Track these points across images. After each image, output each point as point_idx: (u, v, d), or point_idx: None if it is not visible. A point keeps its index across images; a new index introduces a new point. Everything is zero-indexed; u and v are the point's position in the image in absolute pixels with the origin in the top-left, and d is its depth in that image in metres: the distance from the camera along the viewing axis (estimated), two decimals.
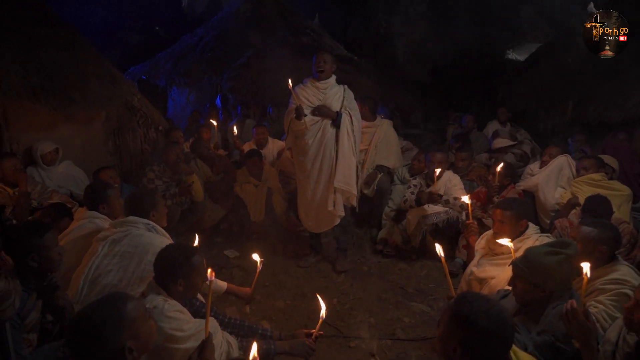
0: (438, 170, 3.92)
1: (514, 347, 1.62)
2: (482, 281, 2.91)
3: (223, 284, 3.18)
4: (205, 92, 8.81)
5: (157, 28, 13.03)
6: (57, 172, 4.41)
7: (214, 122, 6.22)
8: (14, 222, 3.44)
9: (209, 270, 1.92)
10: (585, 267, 1.94)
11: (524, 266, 2.12)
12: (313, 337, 2.67)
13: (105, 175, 4.07)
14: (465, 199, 3.08)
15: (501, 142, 5.40)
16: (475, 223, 3.11)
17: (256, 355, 1.66)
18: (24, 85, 4.26)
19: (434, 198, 4.16)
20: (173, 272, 2.20)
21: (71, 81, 4.64)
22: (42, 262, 2.13)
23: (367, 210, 4.94)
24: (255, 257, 2.83)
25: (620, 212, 3.77)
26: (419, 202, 4.31)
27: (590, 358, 1.82)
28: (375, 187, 4.90)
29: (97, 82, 4.93)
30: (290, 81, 3.76)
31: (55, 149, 4.41)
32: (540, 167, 4.53)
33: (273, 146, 5.85)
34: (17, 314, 1.96)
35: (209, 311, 1.86)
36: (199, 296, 2.70)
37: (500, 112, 6.60)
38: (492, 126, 6.60)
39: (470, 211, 3.11)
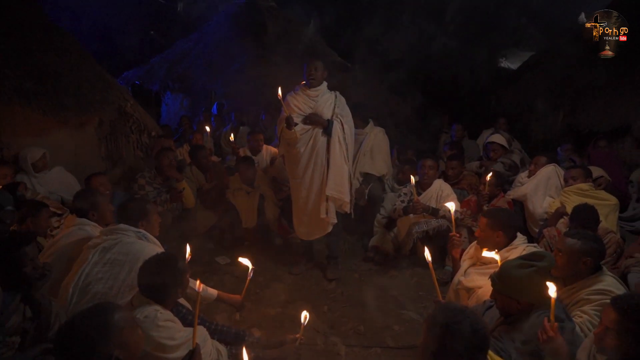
0: (413, 179, 3.92)
1: (493, 355, 1.66)
2: (469, 290, 2.93)
3: (213, 292, 3.20)
4: (199, 98, 8.83)
5: (151, 32, 13.04)
6: (49, 178, 4.38)
7: (207, 129, 6.23)
8: None
9: (197, 282, 1.94)
10: (552, 288, 1.93)
11: (498, 280, 2.16)
12: (297, 343, 2.71)
13: (96, 182, 4.05)
14: (452, 207, 3.10)
15: (498, 138, 5.41)
16: (459, 235, 3.13)
17: None
18: (16, 89, 4.27)
19: (418, 209, 4.18)
20: (172, 284, 2.24)
21: (64, 86, 4.65)
22: (17, 275, 2.13)
23: (359, 218, 4.96)
24: (246, 262, 2.85)
25: (608, 221, 3.82)
26: (406, 212, 4.35)
27: None
28: (367, 196, 4.93)
29: (90, 88, 4.94)
30: (279, 90, 3.74)
31: (43, 154, 4.38)
32: (528, 177, 4.58)
33: (266, 153, 5.87)
34: None
35: (196, 322, 1.87)
36: (186, 303, 2.72)
37: (501, 123, 6.60)
38: (486, 134, 6.63)
39: (453, 223, 3.14)
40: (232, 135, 5.79)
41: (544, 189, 4.37)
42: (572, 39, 9.10)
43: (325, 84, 4.09)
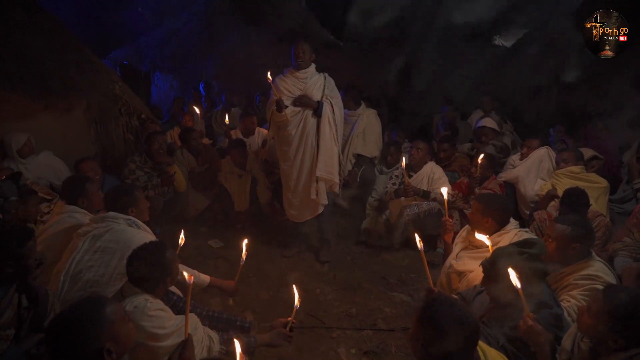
0: (403, 163, 3.94)
1: (482, 344, 1.68)
2: (461, 274, 2.95)
3: (206, 278, 3.20)
4: (189, 78, 8.68)
5: (139, 10, 12.70)
6: (36, 163, 4.32)
7: (197, 110, 6.15)
8: None
9: (186, 275, 1.93)
10: (512, 274, 1.98)
11: (489, 266, 2.18)
12: (289, 327, 2.73)
13: (86, 167, 4.01)
14: (444, 192, 3.11)
15: (489, 122, 5.42)
16: (451, 220, 3.14)
17: (242, 354, 1.68)
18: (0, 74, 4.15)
19: (409, 192, 4.19)
20: (161, 274, 2.23)
21: (50, 69, 4.53)
22: (18, 269, 2.11)
23: (351, 200, 4.97)
24: (244, 245, 2.85)
25: (598, 204, 3.86)
26: (397, 195, 4.36)
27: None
28: (359, 178, 4.93)
29: (77, 70, 4.82)
30: (269, 74, 3.78)
31: (28, 139, 4.30)
32: (521, 159, 4.59)
33: (258, 135, 5.83)
34: None
35: (187, 312, 1.87)
36: (177, 290, 2.72)
37: (485, 102, 6.58)
38: (476, 115, 6.62)
39: (446, 208, 3.14)
40: (227, 117, 5.72)
41: (535, 171, 4.40)
42: (567, 16, 9.01)
43: (313, 65, 4.07)
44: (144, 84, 9.12)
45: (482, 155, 4.21)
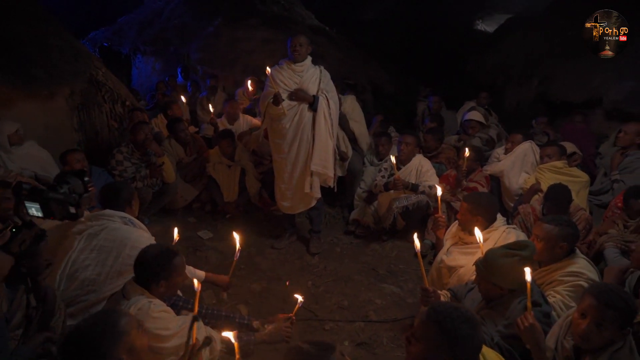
0: (393, 158, 4.04)
1: (483, 347, 1.77)
2: (451, 269, 3.06)
3: (201, 274, 3.22)
4: (171, 62, 8.49)
5: None
6: (21, 153, 4.20)
7: (184, 99, 6.05)
8: None
9: (196, 282, 1.95)
10: (527, 272, 2.08)
11: (483, 267, 2.28)
12: (290, 322, 2.79)
13: (72, 159, 3.93)
14: (439, 191, 3.18)
15: (475, 115, 5.53)
16: (444, 217, 3.23)
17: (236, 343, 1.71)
18: None
19: (398, 186, 4.27)
20: (155, 274, 2.23)
21: (31, 56, 4.39)
22: (30, 269, 2.10)
23: (339, 191, 5.02)
24: (236, 239, 2.86)
25: (578, 197, 4.01)
26: (387, 188, 4.43)
27: (539, 358, 2.02)
28: (347, 168, 4.97)
29: (60, 56, 4.68)
30: (268, 68, 3.80)
31: (17, 129, 4.19)
32: (505, 154, 4.71)
33: (244, 122, 5.80)
34: (4, 318, 1.96)
35: (195, 314, 1.90)
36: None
37: (482, 97, 6.60)
38: (469, 106, 6.68)
39: (439, 205, 3.22)
40: (211, 107, 5.65)
41: (520, 165, 4.52)
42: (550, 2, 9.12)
43: (309, 58, 4.05)
44: (124, 66, 8.88)
45: (468, 149, 4.30)
